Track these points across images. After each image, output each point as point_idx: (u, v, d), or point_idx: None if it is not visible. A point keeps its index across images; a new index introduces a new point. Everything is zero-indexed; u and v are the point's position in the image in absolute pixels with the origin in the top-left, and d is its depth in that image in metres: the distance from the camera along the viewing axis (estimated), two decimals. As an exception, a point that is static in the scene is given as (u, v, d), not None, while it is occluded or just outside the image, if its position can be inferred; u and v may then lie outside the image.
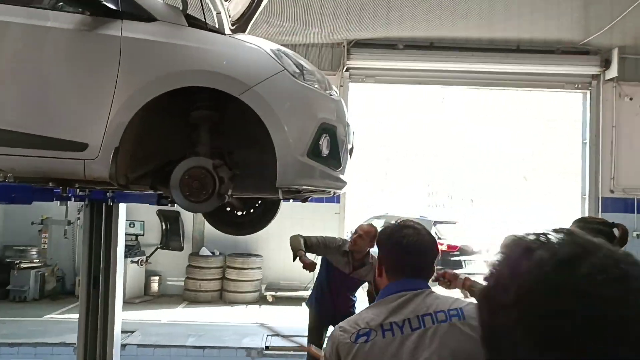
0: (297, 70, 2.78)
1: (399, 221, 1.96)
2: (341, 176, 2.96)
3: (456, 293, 2.64)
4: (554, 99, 19.89)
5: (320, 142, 2.72)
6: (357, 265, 4.73)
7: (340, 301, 4.81)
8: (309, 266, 4.44)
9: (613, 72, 10.43)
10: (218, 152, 2.92)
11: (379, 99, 20.87)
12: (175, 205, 3.69)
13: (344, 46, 10.67)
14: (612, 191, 10.73)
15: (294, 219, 11.02)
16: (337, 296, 4.83)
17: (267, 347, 7.34)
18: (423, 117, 22.96)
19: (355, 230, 4.73)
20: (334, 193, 3.26)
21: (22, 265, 9.73)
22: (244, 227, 4.07)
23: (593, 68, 10.71)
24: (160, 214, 10.31)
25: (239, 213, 4.07)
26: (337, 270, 4.73)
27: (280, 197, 2.77)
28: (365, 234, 4.63)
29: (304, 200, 3.66)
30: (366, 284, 4.91)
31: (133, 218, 10.41)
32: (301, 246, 4.57)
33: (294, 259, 4.58)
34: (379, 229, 2.05)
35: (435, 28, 10.43)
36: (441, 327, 1.73)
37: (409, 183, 22.89)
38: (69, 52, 2.63)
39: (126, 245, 10.01)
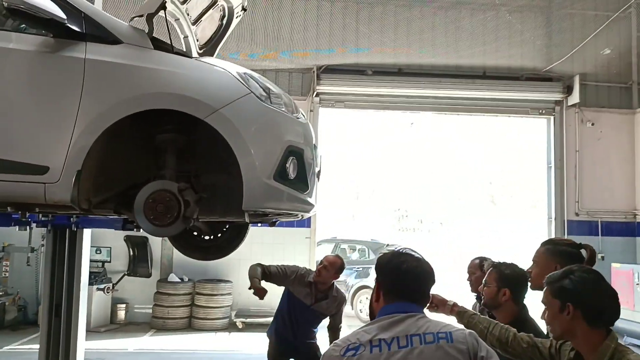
0: (264, 93, 2.78)
1: (397, 249, 2.00)
2: (309, 199, 2.96)
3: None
4: (519, 124, 20.36)
5: (287, 165, 2.71)
6: (320, 297, 4.53)
7: (300, 333, 4.60)
8: (258, 291, 4.33)
9: (575, 98, 10.74)
10: (185, 175, 2.89)
11: (350, 125, 21.06)
12: (142, 230, 3.64)
13: (313, 71, 10.77)
14: (577, 214, 10.95)
15: (264, 243, 10.93)
16: (297, 328, 4.60)
17: (236, 375, 7.20)
18: (392, 143, 23.23)
19: (321, 260, 4.57)
20: (302, 216, 3.24)
21: (-19, 294, 9.39)
22: (212, 251, 4.01)
23: (556, 94, 11.01)
24: (127, 240, 10.13)
25: (207, 237, 4.01)
26: (298, 301, 4.54)
27: (247, 220, 2.74)
28: (330, 265, 4.48)
29: (272, 224, 3.63)
30: (327, 319, 4.70)
31: (99, 244, 10.19)
32: (257, 274, 4.47)
33: (250, 287, 4.49)
34: (378, 255, 2.08)
35: (403, 55, 10.62)
36: (428, 348, 1.79)
37: (380, 208, 23.01)
38: (31, 74, 2.59)
39: (92, 272, 9.80)
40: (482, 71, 10.91)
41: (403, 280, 1.94)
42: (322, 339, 4.98)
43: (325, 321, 4.74)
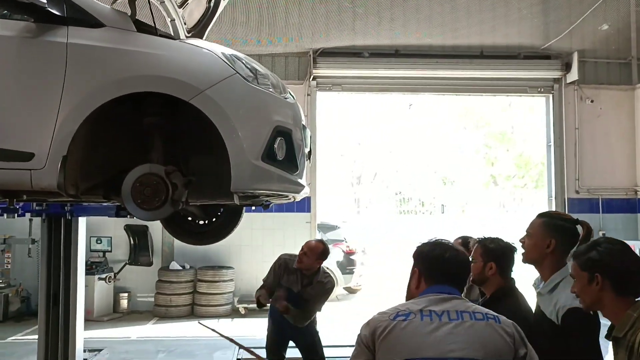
0: (251, 74, 2.75)
1: (434, 239, 2.15)
2: (299, 180, 2.93)
3: None
4: (518, 104, 20.25)
5: (275, 146, 2.68)
6: (306, 283, 4.51)
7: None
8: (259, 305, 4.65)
9: (574, 75, 10.66)
10: (173, 159, 2.86)
11: (348, 108, 20.98)
12: (133, 216, 3.61)
13: (310, 55, 10.69)
14: (577, 192, 10.92)
15: (265, 229, 10.95)
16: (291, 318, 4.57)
17: (239, 360, 7.23)
18: (392, 125, 23.16)
19: (302, 246, 4.54)
20: (294, 198, 3.22)
21: (-16, 286, 9.44)
22: (206, 236, 4.00)
23: (554, 72, 10.92)
24: (127, 229, 10.14)
25: (201, 222, 4.01)
26: (289, 290, 4.53)
27: (237, 202, 2.71)
28: (310, 251, 4.45)
29: (266, 207, 3.62)
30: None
31: (100, 234, 10.21)
32: (263, 294, 4.65)
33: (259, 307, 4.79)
34: (418, 246, 2.17)
35: (400, 36, 10.53)
36: (478, 324, 1.86)
37: (381, 192, 23.00)
38: (13, 59, 2.55)
39: (93, 262, 9.84)
40: (480, 50, 10.82)
41: (446, 267, 2.03)
42: (321, 323, 4.97)
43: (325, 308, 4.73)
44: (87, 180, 2.74)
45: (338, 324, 9.13)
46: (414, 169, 23.65)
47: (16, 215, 3.16)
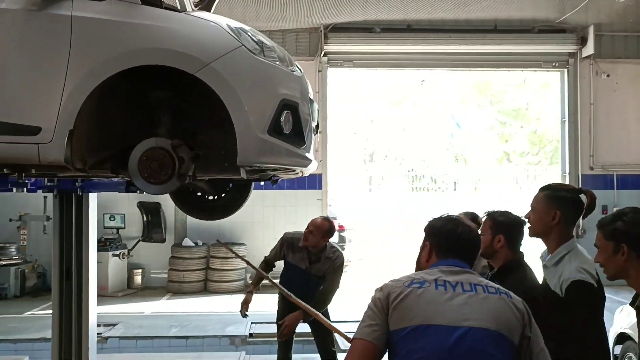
0: (257, 47, 2.72)
1: (446, 215, 2.18)
2: (306, 154, 2.91)
3: None
4: (534, 79, 19.95)
5: (281, 119, 2.66)
6: (314, 260, 4.49)
7: (302, 299, 4.37)
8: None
9: (589, 49, 10.46)
10: (181, 134, 2.85)
11: (360, 85, 20.82)
12: (143, 192, 3.62)
13: (321, 31, 10.59)
14: (591, 168, 10.81)
15: (276, 206, 10.99)
16: (298, 294, 4.42)
17: (251, 335, 7.32)
18: (404, 102, 22.97)
19: (308, 225, 4.50)
20: (301, 172, 3.21)
21: (2, 262, 9.59)
22: (216, 211, 4.02)
23: (570, 46, 10.73)
24: (140, 206, 10.23)
25: (210, 198, 4.02)
26: (294, 267, 4.53)
27: (243, 176, 2.71)
28: (315, 229, 4.42)
29: (274, 182, 3.61)
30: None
31: (113, 211, 10.32)
32: (263, 273, 4.74)
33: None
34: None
35: (412, 10, 10.37)
36: (491, 297, 1.89)
37: (394, 169, 22.90)
38: (18, 33, 2.54)
39: (107, 239, 9.96)
40: (493, 24, 10.64)
41: (458, 241, 2.06)
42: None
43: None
44: (94, 154, 2.75)
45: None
46: (427, 146, 23.50)
47: (25, 189, 3.19)
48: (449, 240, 2.07)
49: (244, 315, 4.83)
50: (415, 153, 23.64)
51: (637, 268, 2.05)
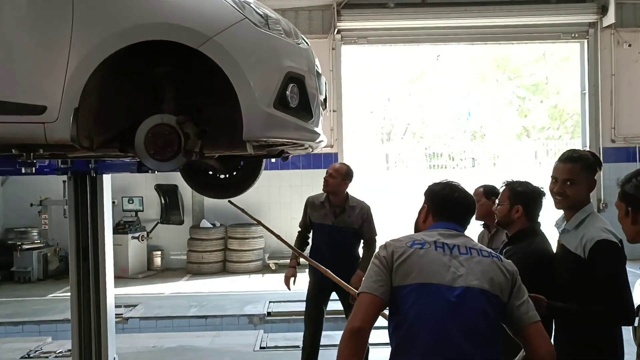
0: (261, 19, 2.67)
1: (444, 180, 2.34)
2: (314, 128, 2.87)
3: None
4: (554, 52, 19.54)
5: (287, 93, 2.61)
6: (338, 212, 4.44)
7: (336, 260, 4.31)
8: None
9: (610, 18, 10.17)
10: (187, 110, 2.83)
11: (375, 62, 20.61)
12: (155, 172, 3.62)
13: (334, 8, 10.45)
14: (613, 141, 10.59)
15: (292, 186, 10.98)
16: (331, 255, 4.39)
17: (269, 313, 7.37)
18: (420, 78, 22.71)
19: (326, 171, 4.51)
20: (311, 147, 3.17)
21: (24, 246, 9.77)
22: (227, 189, 4.01)
23: (590, 16, 10.45)
24: (158, 188, 10.31)
25: (222, 176, 4.00)
26: (321, 226, 4.48)
27: (250, 151, 2.67)
28: (335, 172, 4.41)
29: (285, 158, 3.57)
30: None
31: (131, 194, 10.41)
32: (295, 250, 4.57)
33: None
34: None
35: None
36: (485, 260, 2.07)
37: (411, 147, 22.75)
38: (20, 10, 2.52)
39: (126, 222, 10.07)
40: (510, -4, 10.40)
41: (454, 205, 2.22)
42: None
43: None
44: (101, 132, 2.73)
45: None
46: (444, 124, 23.28)
47: (34, 169, 3.20)
48: (445, 204, 2.23)
49: (289, 289, 4.70)
50: (433, 130, 23.44)
51: None
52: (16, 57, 2.51)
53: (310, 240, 4.75)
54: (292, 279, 4.67)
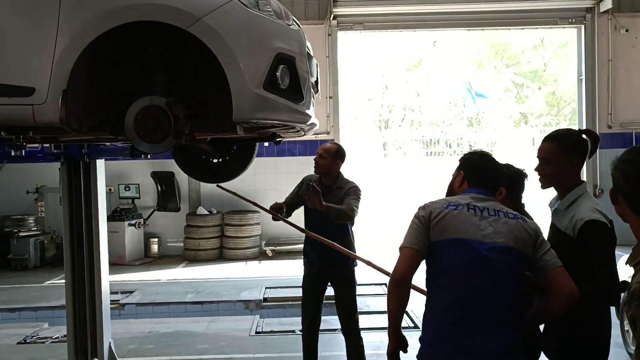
0: (251, 0, 2.65)
1: (479, 150, 2.69)
2: (305, 110, 2.86)
3: None
4: (551, 39, 19.48)
5: (277, 74, 2.60)
6: (326, 192, 4.23)
7: (332, 238, 4.09)
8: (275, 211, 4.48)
9: (607, 3, 10.14)
10: (178, 92, 2.81)
11: (372, 51, 20.53)
12: (147, 156, 3.61)
13: (329, -8, 10.39)
14: (609, 127, 10.58)
15: (289, 173, 10.96)
16: (323, 235, 4.14)
17: (265, 299, 7.40)
18: (417, 65, 22.63)
19: (317, 151, 4.40)
20: (302, 130, 3.16)
21: (21, 234, 9.78)
22: (221, 173, 4.00)
23: (587, 1, 10.43)
24: (154, 175, 10.31)
25: (215, 160, 4.00)
26: (312, 210, 4.23)
27: (241, 133, 2.66)
28: (325, 152, 4.29)
29: (277, 142, 3.56)
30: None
31: (128, 181, 10.41)
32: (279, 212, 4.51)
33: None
34: None
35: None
36: (511, 221, 2.32)
37: (409, 134, 22.71)
38: (6, -8, 2.50)
39: (123, 209, 10.07)
40: (507, -20, 10.35)
41: (487, 174, 2.49)
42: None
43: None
44: (91, 115, 2.72)
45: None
46: (441, 111, 23.24)
47: (23, 152, 3.19)
48: (480, 172, 2.49)
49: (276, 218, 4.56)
50: (430, 118, 23.40)
51: (632, 217, 1.92)
52: (3, 39, 2.49)
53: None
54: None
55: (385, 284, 7.31)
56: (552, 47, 20.85)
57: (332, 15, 10.46)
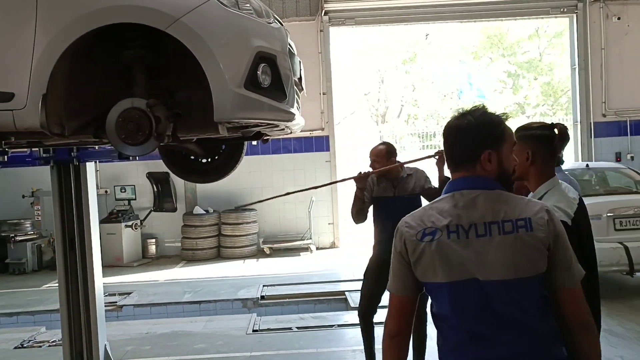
0: (230, -1, 2.64)
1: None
2: (289, 108, 2.84)
3: None
4: (546, 29, 19.42)
5: (258, 72, 2.59)
6: (396, 183, 4.44)
7: None
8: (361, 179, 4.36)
9: (599, -9, 10.12)
10: (159, 93, 2.81)
11: (367, 46, 20.48)
12: (137, 157, 3.58)
13: (320, -12, 10.37)
14: (604, 115, 10.57)
15: (285, 170, 10.96)
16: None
17: (262, 297, 7.39)
18: (413, 60, 22.58)
19: (369, 157, 4.48)
20: (287, 128, 3.15)
21: (18, 238, 9.77)
22: (209, 173, 3.99)
23: (578, -11, 10.39)
24: (150, 176, 10.30)
25: (203, 161, 3.99)
26: (383, 199, 4.42)
27: (223, 133, 2.65)
28: (377, 157, 4.40)
29: (264, 140, 3.56)
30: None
31: (123, 183, 10.40)
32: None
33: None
34: None
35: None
36: (507, 239, 1.75)
37: (406, 128, 22.68)
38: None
39: (119, 211, 10.07)
40: (498, -29, 10.32)
41: (462, 143, 1.87)
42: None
43: None
44: (73, 118, 2.71)
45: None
46: (437, 104, 23.22)
47: (6, 157, 3.18)
48: (455, 145, 1.89)
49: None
50: (425, 111, 23.38)
51: None
52: (-19, 45, 2.48)
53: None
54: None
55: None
56: (547, 36, 20.80)
57: (323, 11, 10.44)
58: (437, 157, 4.38)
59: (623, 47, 10.46)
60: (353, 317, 6.37)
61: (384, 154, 4.43)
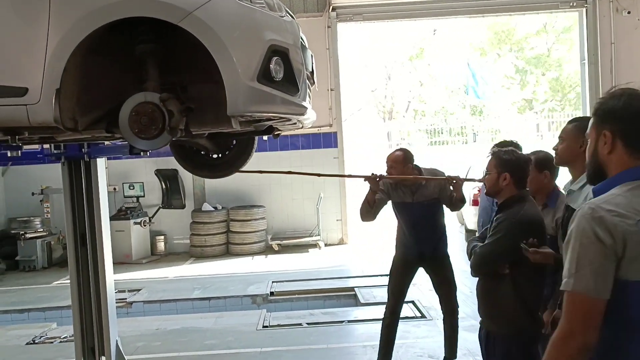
0: (243, -8, 2.62)
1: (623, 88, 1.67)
2: (301, 102, 2.83)
3: None
4: (554, 24, 19.31)
5: (271, 66, 2.58)
6: (415, 189, 4.44)
7: (423, 235, 4.45)
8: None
9: (609, -15, 10.03)
10: (171, 87, 2.80)
11: (375, 42, 20.44)
12: (147, 152, 3.59)
13: (328, -15, 10.33)
14: (613, 110, 10.49)
15: (293, 167, 10.89)
16: (418, 231, 4.46)
17: (272, 293, 7.40)
18: (421, 56, 22.52)
19: (386, 163, 4.51)
20: (300, 122, 3.14)
21: (28, 235, 9.82)
22: (221, 169, 3.99)
23: (588, -17, 10.31)
24: (158, 173, 10.31)
25: (214, 156, 3.99)
26: (402, 204, 4.48)
27: (236, 127, 2.65)
28: (394, 163, 4.42)
29: (276, 135, 3.55)
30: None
31: (132, 180, 10.43)
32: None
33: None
34: None
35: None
36: None
37: (413, 124, 22.67)
38: (-4, -7, 2.49)
39: (128, 208, 10.10)
40: (507, -35, 10.25)
41: None
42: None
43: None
44: (86, 113, 2.71)
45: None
46: (444, 100, 23.15)
47: (19, 152, 3.19)
48: None
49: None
50: (433, 107, 23.33)
51: None
52: (-5, 40, 2.48)
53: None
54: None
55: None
56: (555, 32, 20.70)
57: (331, 7, 10.41)
58: (453, 182, 4.37)
59: (633, 42, 10.37)
60: (363, 312, 6.38)
61: (401, 160, 4.45)
